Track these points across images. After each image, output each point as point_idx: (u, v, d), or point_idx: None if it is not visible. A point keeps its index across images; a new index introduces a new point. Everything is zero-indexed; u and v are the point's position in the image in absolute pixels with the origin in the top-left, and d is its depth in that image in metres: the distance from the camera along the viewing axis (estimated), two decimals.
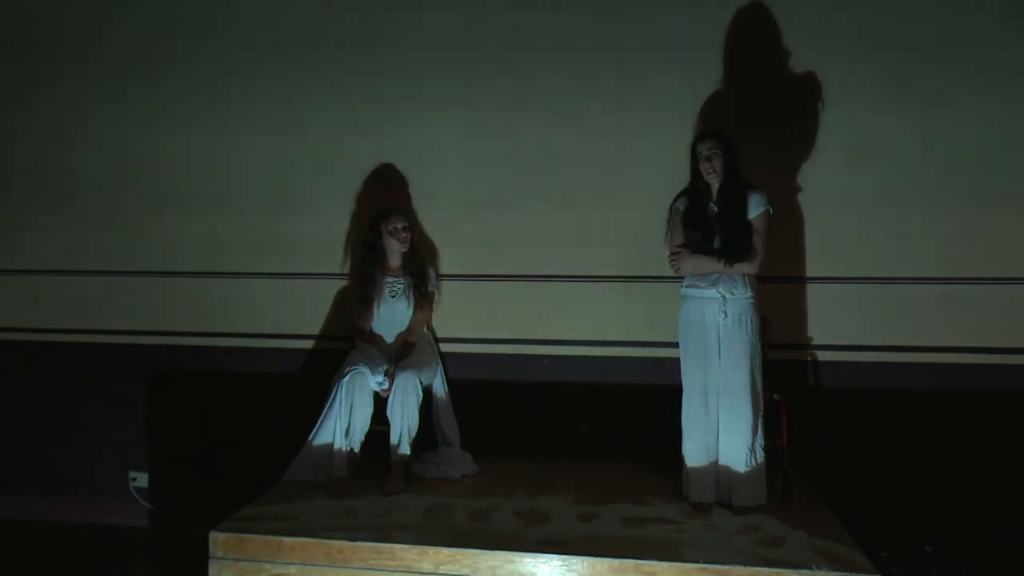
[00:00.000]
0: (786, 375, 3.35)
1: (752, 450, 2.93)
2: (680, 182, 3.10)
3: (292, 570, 2.63)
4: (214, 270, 3.86)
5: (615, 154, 3.55)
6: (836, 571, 2.39)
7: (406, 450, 3.20)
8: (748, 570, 2.43)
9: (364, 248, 3.51)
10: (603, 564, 2.49)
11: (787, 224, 3.37)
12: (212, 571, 2.67)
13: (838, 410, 3.43)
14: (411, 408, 3.20)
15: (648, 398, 3.47)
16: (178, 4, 3.86)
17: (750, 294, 2.99)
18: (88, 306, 3.97)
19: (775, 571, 2.43)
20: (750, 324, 2.96)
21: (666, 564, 2.47)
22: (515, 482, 3.24)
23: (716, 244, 2.98)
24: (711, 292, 2.97)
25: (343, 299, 3.72)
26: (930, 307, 3.39)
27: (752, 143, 3.20)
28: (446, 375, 3.56)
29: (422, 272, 3.52)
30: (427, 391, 3.37)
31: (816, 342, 3.46)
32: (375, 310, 3.46)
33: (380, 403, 3.24)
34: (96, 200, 3.95)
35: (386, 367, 3.28)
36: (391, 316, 3.47)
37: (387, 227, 3.44)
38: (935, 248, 3.39)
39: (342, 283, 3.74)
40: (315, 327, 3.79)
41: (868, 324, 3.43)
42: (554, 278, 3.63)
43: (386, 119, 3.70)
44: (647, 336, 3.52)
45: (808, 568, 2.42)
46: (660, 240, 3.17)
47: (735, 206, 2.98)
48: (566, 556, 2.51)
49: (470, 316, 3.68)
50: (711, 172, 2.97)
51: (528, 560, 2.53)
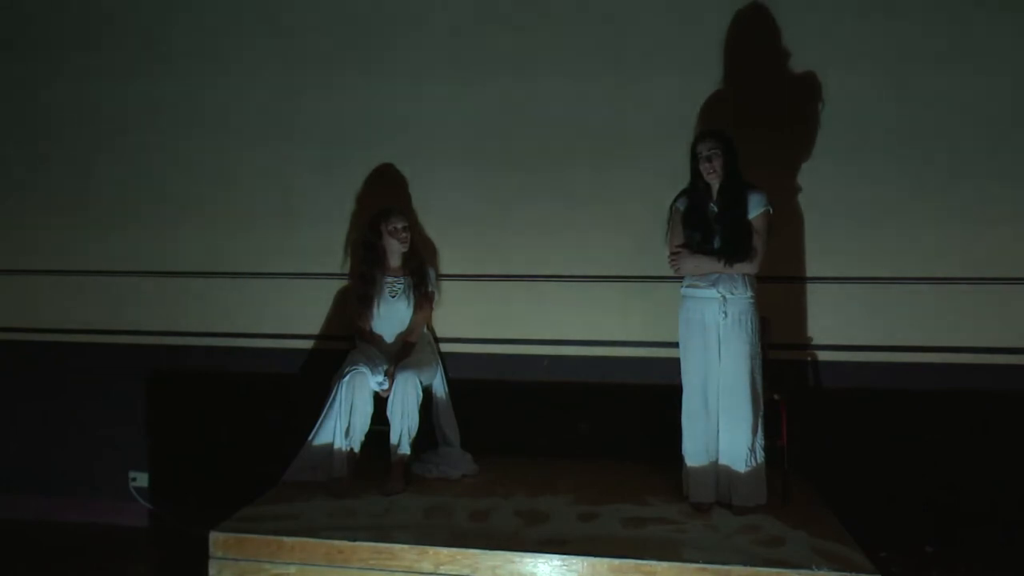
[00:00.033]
0: (786, 375, 3.35)
1: (752, 450, 2.93)
2: (680, 182, 3.10)
3: (292, 570, 2.63)
4: (214, 270, 3.86)
5: (615, 154, 3.56)
6: (836, 571, 2.39)
7: (406, 450, 3.20)
8: (748, 570, 2.43)
9: (364, 248, 3.51)
10: (603, 564, 2.49)
11: (787, 224, 3.37)
12: (212, 571, 2.67)
13: (838, 410, 3.43)
14: (411, 408, 3.20)
15: (648, 398, 3.47)
16: (178, 5, 3.86)
17: (750, 294, 2.99)
18: (88, 306, 3.97)
19: (775, 571, 2.43)
20: (750, 324, 2.96)
21: (666, 564, 2.47)
22: (515, 482, 3.24)
23: (716, 244, 2.98)
24: (711, 292, 2.97)
25: (343, 299, 3.72)
26: (930, 307, 3.39)
27: (752, 143, 3.20)
28: (446, 375, 3.56)
29: (422, 272, 3.52)
30: (427, 391, 3.37)
31: (816, 342, 3.46)
32: (375, 310, 3.46)
33: (380, 403, 3.24)
34: (96, 200, 3.95)
35: (386, 367, 3.28)
36: (391, 316, 3.47)
37: (387, 227, 3.45)
38: (935, 248, 3.39)
39: (342, 283, 3.74)
40: (315, 327, 3.79)
41: (868, 324, 3.43)
42: (554, 278, 3.63)
43: (386, 119, 3.70)
44: (647, 336, 3.52)
45: (808, 568, 2.42)
46: (660, 240, 3.17)
47: (735, 206, 2.98)
48: (566, 556, 2.51)
49: (470, 316, 3.68)
50: (711, 172, 2.97)
51: (528, 560, 2.53)
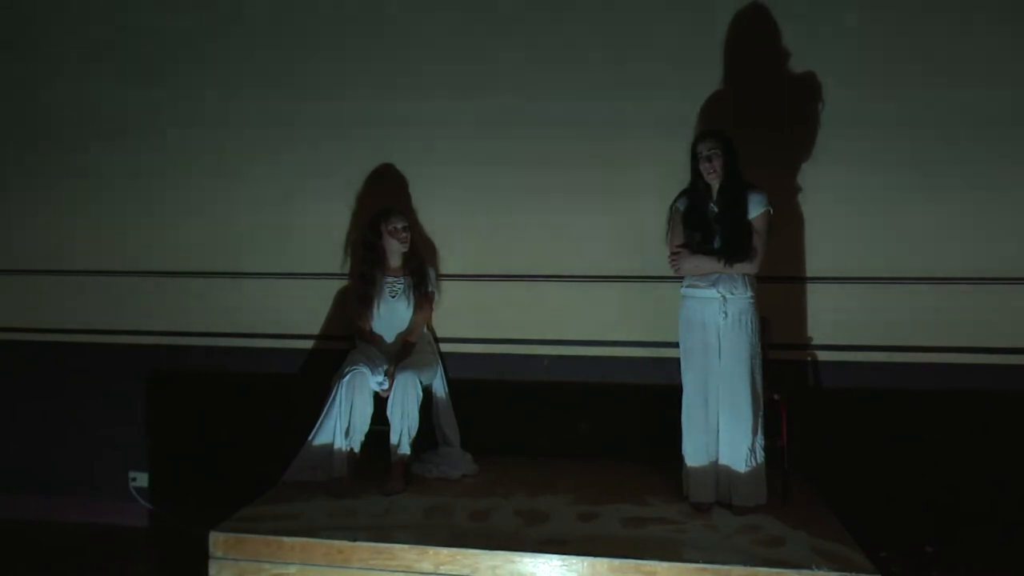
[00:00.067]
0: (786, 375, 3.35)
1: (752, 450, 2.92)
2: (680, 182, 3.10)
3: (292, 570, 2.63)
4: (214, 270, 3.86)
5: (615, 154, 3.55)
6: (836, 571, 2.39)
7: (406, 450, 3.20)
8: (748, 570, 2.43)
9: (364, 248, 3.51)
10: (603, 564, 2.49)
11: (787, 224, 3.37)
12: (212, 571, 2.67)
13: (838, 410, 3.43)
14: (411, 408, 3.20)
15: (648, 398, 3.47)
16: (179, 4, 3.86)
17: (750, 294, 2.98)
18: (88, 306, 3.97)
19: (775, 571, 2.43)
20: (750, 324, 2.96)
21: (666, 564, 2.47)
22: (515, 482, 3.24)
23: (716, 244, 2.98)
24: (711, 292, 2.97)
25: (343, 299, 3.72)
26: (930, 307, 3.39)
27: (752, 143, 3.20)
28: (446, 375, 3.56)
29: (422, 272, 3.52)
30: (427, 391, 3.37)
31: (816, 342, 3.46)
32: (375, 310, 3.46)
33: (380, 403, 3.23)
34: (96, 200, 3.95)
35: (386, 367, 3.27)
36: (391, 316, 3.47)
37: (387, 227, 3.45)
38: (935, 248, 3.39)
39: (342, 283, 3.74)
40: (315, 327, 3.79)
41: (868, 324, 3.42)
42: (554, 278, 3.63)
43: (387, 119, 3.70)
44: (647, 336, 3.52)
45: (808, 568, 2.41)
46: (660, 240, 3.17)
47: (735, 206, 2.98)
48: (566, 556, 2.51)
49: (470, 316, 3.68)
50: (711, 172, 2.97)
51: (528, 560, 2.53)
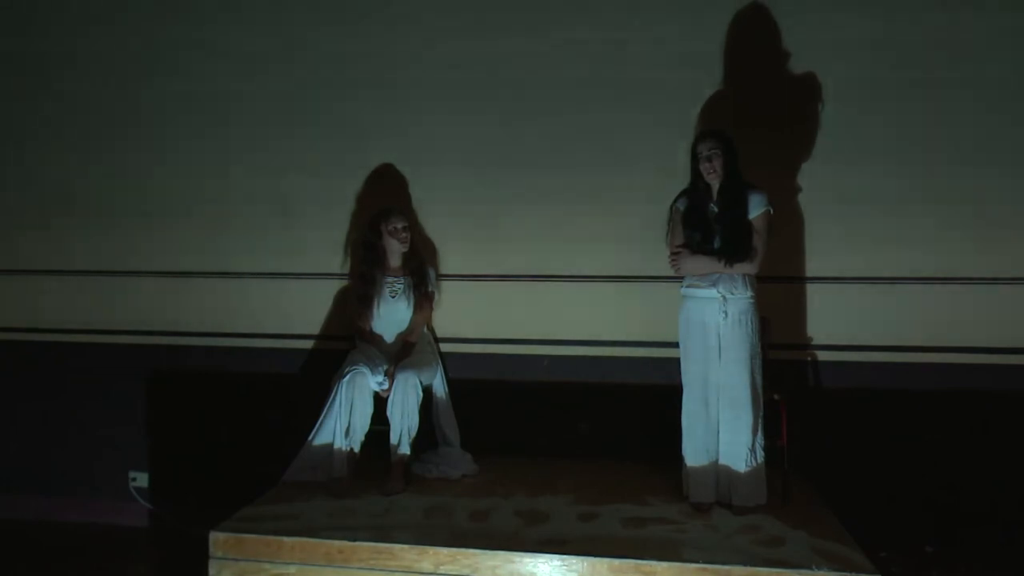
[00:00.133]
0: (786, 375, 3.35)
1: (752, 450, 2.92)
2: (680, 182, 3.10)
3: (292, 570, 2.63)
4: (214, 270, 3.86)
5: (615, 154, 3.55)
6: (836, 571, 2.39)
7: (406, 450, 3.20)
8: (748, 570, 2.43)
9: (364, 248, 3.51)
10: (603, 564, 2.49)
11: (787, 224, 3.37)
12: (212, 571, 2.67)
13: (838, 410, 3.43)
14: (411, 408, 3.20)
15: (648, 398, 3.47)
16: (179, 7, 3.86)
17: (750, 294, 2.98)
18: (88, 306, 3.97)
19: (775, 571, 2.43)
20: (750, 324, 2.96)
21: (666, 564, 2.47)
22: (515, 482, 3.24)
23: (716, 244, 2.98)
24: (711, 292, 2.97)
25: (343, 299, 3.72)
26: (930, 307, 3.39)
27: (752, 143, 3.20)
28: (446, 375, 3.56)
29: (422, 272, 3.52)
30: (427, 391, 3.37)
31: (816, 342, 3.46)
32: (375, 310, 3.46)
33: (380, 403, 3.23)
34: (97, 200, 3.94)
35: (386, 367, 3.27)
36: (391, 316, 3.47)
37: (387, 227, 3.45)
38: (935, 248, 3.39)
39: (342, 283, 3.74)
40: (315, 327, 3.79)
41: (868, 324, 3.43)
42: (554, 278, 3.63)
43: (387, 119, 3.70)
44: (647, 336, 3.52)
45: (808, 568, 2.41)
46: (660, 240, 3.17)
47: (735, 206, 2.98)
48: (566, 556, 2.51)
49: (470, 316, 3.68)
50: (711, 172, 2.97)
51: (528, 560, 2.53)
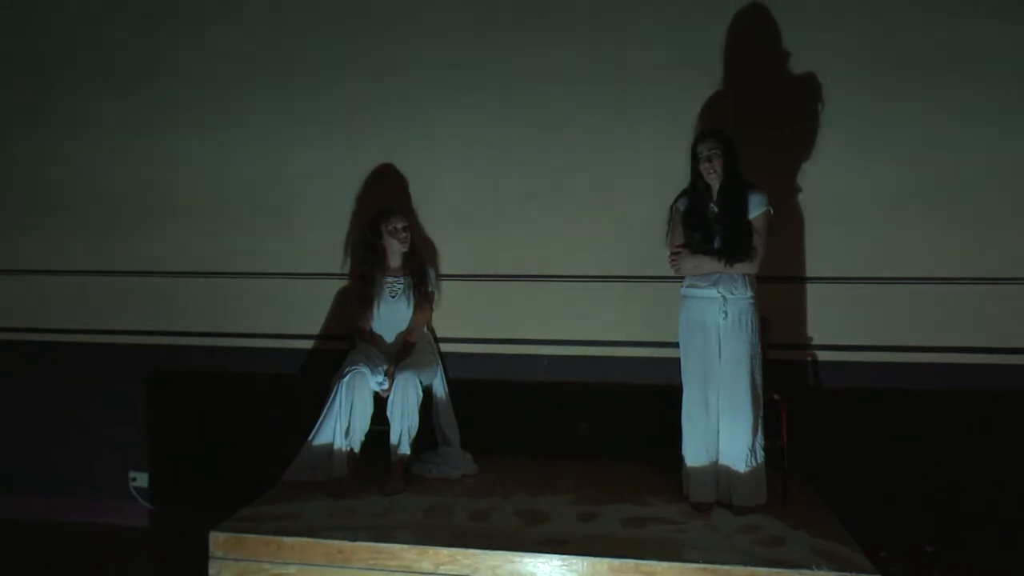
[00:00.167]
0: (786, 375, 3.35)
1: (752, 450, 2.92)
2: (680, 182, 3.10)
3: (292, 570, 2.63)
4: (214, 270, 3.86)
5: (615, 154, 3.55)
6: (836, 571, 2.39)
7: (406, 450, 3.20)
8: (748, 570, 2.43)
9: (364, 248, 3.51)
10: (603, 564, 2.49)
11: (787, 224, 3.37)
12: (212, 571, 2.67)
13: (838, 410, 3.43)
14: (411, 408, 3.20)
15: (648, 398, 3.47)
16: (178, 8, 3.86)
17: (750, 294, 2.98)
18: (88, 306, 3.97)
19: (775, 571, 2.43)
20: (750, 324, 2.96)
21: (666, 564, 2.47)
22: (515, 482, 3.24)
23: (716, 244, 2.98)
24: (711, 292, 2.97)
25: (343, 299, 3.72)
26: (930, 307, 3.39)
27: (752, 143, 3.20)
28: (446, 375, 3.56)
29: (422, 272, 3.52)
30: (427, 391, 3.37)
31: (816, 342, 3.46)
32: (375, 310, 3.46)
33: (380, 403, 3.23)
34: (97, 200, 3.95)
35: (386, 367, 3.27)
36: (391, 316, 3.47)
37: (387, 227, 3.45)
38: (935, 248, 3.39)
39: (342, 283, 3.74)
40: (315, 327, 3.79)
41: (868, 324, 3.43)
42: (554, 278, 3.63)
43: (386, 120, 3.70)
44: (647, 336, 3.52)
45: (808, 568, 2.41)
46: (660, 240, 3.17)
47: (735, 206, 2.98)
48: (566, 556, 2.51)
49: (470, 316, 3.68)
50: (711, 172, 2.97)
51: (528, 560, 2.53)
